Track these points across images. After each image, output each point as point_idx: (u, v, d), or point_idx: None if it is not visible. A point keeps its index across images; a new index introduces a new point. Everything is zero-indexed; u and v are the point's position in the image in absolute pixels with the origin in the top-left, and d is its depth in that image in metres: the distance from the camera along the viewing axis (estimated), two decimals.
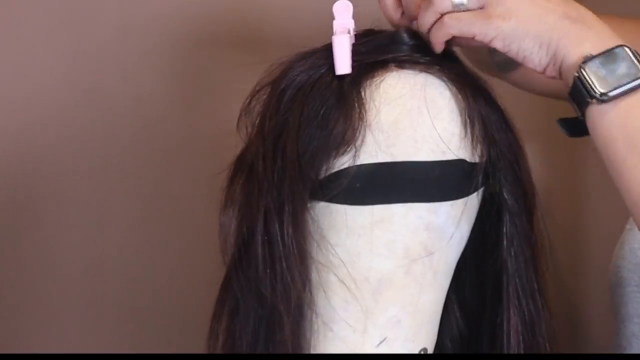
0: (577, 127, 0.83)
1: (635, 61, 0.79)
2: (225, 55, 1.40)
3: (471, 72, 0.87)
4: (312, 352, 0.84)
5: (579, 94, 0.79)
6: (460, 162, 0.84)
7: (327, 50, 0.85)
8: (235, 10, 1.41)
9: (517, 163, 0.87)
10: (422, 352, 0.86)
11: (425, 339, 0.86)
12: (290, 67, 0.86)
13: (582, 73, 0.79)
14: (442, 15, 0.83)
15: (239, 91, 0.91)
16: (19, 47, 1.41)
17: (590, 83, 0.78)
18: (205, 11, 1.42)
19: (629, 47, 0.79)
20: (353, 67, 0.84)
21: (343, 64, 0.84)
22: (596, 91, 0.78)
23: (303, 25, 1.27)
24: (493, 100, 0.88)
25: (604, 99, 0.78)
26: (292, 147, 0.83)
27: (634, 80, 0.78)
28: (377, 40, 0.87)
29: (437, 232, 0.84)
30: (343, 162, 0.83)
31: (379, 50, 0.86)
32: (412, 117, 0.83)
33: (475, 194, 0.86)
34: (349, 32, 0.86)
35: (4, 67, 1.40)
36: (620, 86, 0.78)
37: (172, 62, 1.43)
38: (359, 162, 0.83)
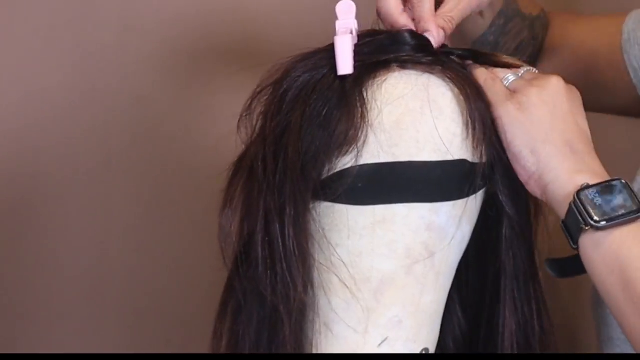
0: (567, 267, 0.84)
1: (632, 194, 0.80)
2: (226, 56, 1.40)
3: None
4: (314, 352, 0.84)
5: (574, 221, 0.80)
6: (462, 162, 0.84)
7: (329, 51, 0.85)
8: (236, 11, 1.41)
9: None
10: (423, 352, 0.86)
11: (426, 339, 0.86)
12: (292, 67, 0.86)
13: (578, 200, 0.79)
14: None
15: (239, 92, 0.91)
16: (20, 48, 1.41)
17: (587, 210, 0.79)
18: (207, 12, 1.42)
19: (625, 181, 0.80)
20: (355, 67, 0.84)
21: (345, 64, 0.84)
22: (592, 218, 0.79)
23: (305, 26, 1.27)
24: None
25: (599, 226, 0.78)
26: (294, 148, 0.83)
27: (630, 213, 0.79)
28: (379, 40, 0.87)
29: (438, 232, 0.84)
30: (345, 162, 0.83)
31: (381, 50, 0.86)
32: (415, 117, 0.83)
33: (476, 194, 0.86)
34: (351, 33, 0.86)
35: (5, 68, 1.40)
36: (617, 217, 0.79)
37: (173, 64, 1.43)
38: (361, 162, 0.83)
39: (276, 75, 0.87)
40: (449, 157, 0.83)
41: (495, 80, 0.86)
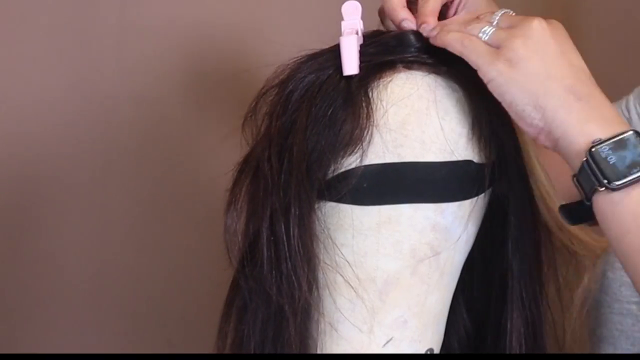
0: (580, 213, 0.80)
1: None
2: (229, 57, 1.40)
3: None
4: (319, 352, 0.84)
5: (587, 180, 0.76)
6: (468, 163, 0.84)
7: (335, 52, 0.85)
8: (239, 11, 1.42)
9: (523, 165, 0.87)
10: (428, 353, 0.86)
11: (431, 340, 0.86)
12: (297, 68, 0.86)
13: (591, 159, 0.76)
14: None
15: (242, 93, 0.91)
16: (19, 50, 1.41)
17: (600, 170, 0.75)
18: (209, 12, 1.42)
19: (637, 132, 0.77)
20: (361, 67, 0.84)
21: (351, 65, 0.84)
22: (607, 179, 0.75)
23: (310, 26, 1.27)
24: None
25: (614, 187, 0.75)
26: (300, 148, 0.83)
27: None
28: (385, 41, 0.87)
29: (443, 232, 0.85)
30: (350, 162, 0.83)
31: (387, 51, 0.86)
32: (420, 118, 0.83)
33: (482, 195, 0.86)
34: (356, 33, 0.86)
35: (4, 69, 1.40)
36: (632, 174, 0.75)
37: (174, 65, 1.43)
38: (366, 162, 0.83)
39: (282, 75, 0.87)
40: (455, 158, 0.84)
41: (472, 40, 0.81)
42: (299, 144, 0.83)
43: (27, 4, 1.40)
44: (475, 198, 0.85)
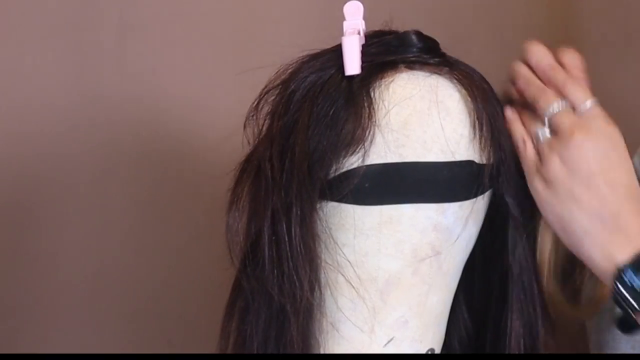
0: (633, 323, 0.82)
1: None
2: (230, 57, 1.40)
3: (480, 74, 0.87)
4: (321, 351, 0.84)
5: (623, 304, 0.80)
6: (469, 163, 0.84)
7: (337, 52, 0.85)
8: (240, 11, 1.42)
9: (521, 167, 0.87)
10: (429, 353, 0.86)
11: (432, 340, 0.87)
12: (299, 68, 0.86)
13: (618, 289, 0.79)
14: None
15: (243, 93, 0.91)
16: (19, 50, 1.41)
17: (629, 300, 0.79)
18: (209, 12, 1.42)
19: None
20: (363, 67, 0.84)
21: (352, 65, 0.84)
22: (636, 306, 0.79)
23: (311, 27, 1.27)
24: (500, 102, 0.88)
25: None
26: (301, 147, 0.83)
27: None
28: (387, 41, 0.87)
29: (445, 232, 0.85)
30: (352, 162, 0.83)
31: (389, 51, 0.86)
32: (422, 118, 0.83)
33: (483, 195, 0.86)
34: (358, 33, 0.86)
35: (4, 69, 1.40)
36: None
37: (175, 65, 1.43)
38: (368, 162, 0.83)
39: (283, 75, 0.87)
40: (456, 158, 0.84)
41: (527, 145, 0.85)
42: (300, 144, 0.83)
43: (27, 4, 1.40)
44: (477, 198, 0.86)
